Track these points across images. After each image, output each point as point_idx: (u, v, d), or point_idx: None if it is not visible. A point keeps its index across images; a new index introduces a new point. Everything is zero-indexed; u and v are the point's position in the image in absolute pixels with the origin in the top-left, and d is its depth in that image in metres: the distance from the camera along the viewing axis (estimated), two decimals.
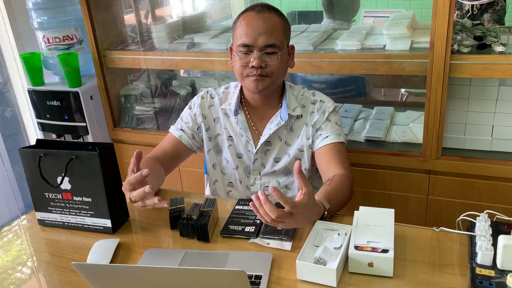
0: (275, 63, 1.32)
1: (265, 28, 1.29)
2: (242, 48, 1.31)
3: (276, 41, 1.31)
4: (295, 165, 1.00)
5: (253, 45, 1.30)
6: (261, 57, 1.30)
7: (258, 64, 1.30)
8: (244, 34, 1.30)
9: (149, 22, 2.42)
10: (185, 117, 1.50)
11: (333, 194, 1.19)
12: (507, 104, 1.63)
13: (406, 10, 2.74)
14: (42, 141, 1.27)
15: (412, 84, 2.53)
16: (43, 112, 2.26)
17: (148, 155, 1.42)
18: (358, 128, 1.96)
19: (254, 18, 1.31)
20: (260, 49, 1.30)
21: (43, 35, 2.23)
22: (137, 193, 1.13)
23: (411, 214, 1.82)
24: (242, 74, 1.35)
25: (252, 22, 1.30)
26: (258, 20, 1.30)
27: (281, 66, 1.35)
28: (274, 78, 1.35)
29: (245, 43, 1.30)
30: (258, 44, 1.30)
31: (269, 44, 1.30)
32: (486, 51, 1.60)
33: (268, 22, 1.31)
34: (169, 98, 2.36)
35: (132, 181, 1.14)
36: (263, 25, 1.30)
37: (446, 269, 0.99)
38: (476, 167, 1.65)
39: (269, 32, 1.30)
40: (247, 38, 1.30)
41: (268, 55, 1.31)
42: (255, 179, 1.48)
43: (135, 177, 1.14)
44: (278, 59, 1.32)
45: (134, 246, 1.17)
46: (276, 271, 1.02)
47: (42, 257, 1.18)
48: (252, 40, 1.30)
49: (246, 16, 1.33)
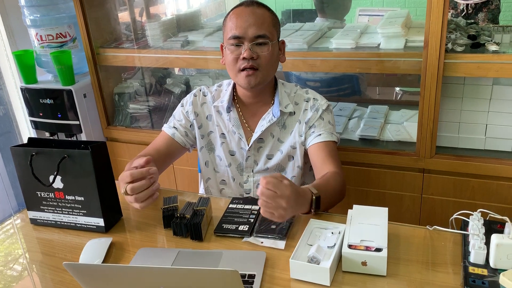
0: (266, 54, 1.34)
1: (254, 20, 1.33)
2: (233, 41, 1.33)
3: (266, 32, 1.33)
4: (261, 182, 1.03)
5: (244, 36, 1.32)
6: (252, 48, 1.32)
7: (249, 55, 1.31)
8: (234, 26, 1.33)
9: (143, 20, 2.41)
10: (177, 115, 1.50)
11: (323, 185, 1.20)
12: (500, 103, 1.64)
13: (400, 9, 2.75)
14: (34, 139, 1.26)
15: (406, 82, 2.53)
16: (36, 110, 2.25)
17: (140, 153, 1.42)
18: (353, 127, 1.96)
19: (243, 12, 1.34)
20: (251, 40, 1.32)
21: (36, 33, 2.21)
22: (139, 184, 1.13)
23: (405, 212, 1.82)
24: (234, 69, 1.36)
25: (241, 15, 1.34)
26: (247, 13, 1.33)
27: (272, 58, 1.36)
28: (265, 72, 1.36)
29: (235, 35, 1.33)
30: (249, 35, 1.32)
31: (259, 34, 1.32)
32: (480, 50, 1.60)
33: (257, 14, 1.34)
34: (163, 96, 2.35)
35: (136, 176, 1.14)
36: (252, 17, 1.33)
37: (440, 267, 0.99)
38: (470, 165, 1.66)
39: (259, 24, 1.33)
40: (237, 30, 1.32)
41: (259, 46, 1.33)
42: (248, 177, 1.48)
43: (141, 173, 1.14)
44: (269, 49, 1.34)
45: (127, 245, 1.17)
46: (269, 270, 1.02)
47: (35, 257, 1.17)
48: (243, 32, 1.32)
49: (235, 10, 1.36)
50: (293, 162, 1.45)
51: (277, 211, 1.03)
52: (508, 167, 1.61)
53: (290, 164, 1.46)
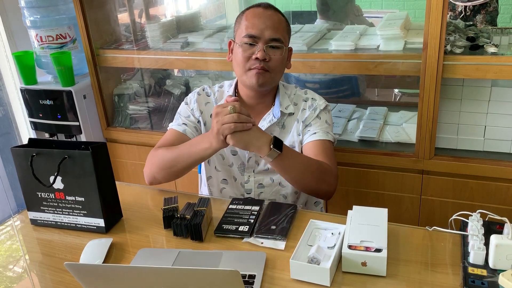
0: (278, 58, 1.35)
1: (272, 23, 1.34)
2: (248, 39, 1.34)
3: (281, 37, 1.35)
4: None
5: (260, 36, 1.33)
6: (266, 50, 1.33)
7: (263, 56, 1.32)
8: (251, 25, 1.34)
9: (143, 21, 2.41)
10: (184, 112, 1.50)
11: (296, 152, 1.32)
12: (499, 104, 1.64)
13: (399, 11, 2.76)
14: (35, 140, 1.26)
15: (405, 84, 2.54)
16: (36, 111, 2.25)
17: (156, 146, 1.40)
18: (352, 128, 1.97)
19: (262, 13, 1.36)
20: (266, 42, 1.33)
21: (36, 34, 2.21)
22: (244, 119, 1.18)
23: (404, 213, 1.82)
24: (244, 67, 1.36)
25: (260, 16, 1.35)
26: (266, 16, 1.35)
27: (282, 63, 1.39)
28: (274, 75, 1.37)
29: (251, 34, 1.33)
30: (265, 36, 1.33)
31: (275, 38, 1.34)
32: (479, 52, 1.61)
33: (274, 18, 1.36)
34: (163, 97, 2.36)
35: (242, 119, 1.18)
36: (270, 19, 1.34)
37: (439, 268, 1.00)
38: (469, 167, 1.66)
39: (276, 27, 1.34)
40: (254, 30, 1.33)
41: (272, 49, 1.35)
42: (249, 177, 1.48)
43: (246, 118, 1.18)
44: (282, 53, 1.36)
45: (127, 245, 1.17)
46: (269, 271, 1.02)
47: (35, 257, 1.17)
48: (259, 32, 1.33)
49: (252, 10, 1.37)
50: None
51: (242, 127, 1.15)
52: (506, 168, 1.62)
53: None
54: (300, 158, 1.30)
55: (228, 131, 1.17)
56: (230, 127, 1.16)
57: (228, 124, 1.16)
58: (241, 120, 1.17)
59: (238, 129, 1.17)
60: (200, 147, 1.26)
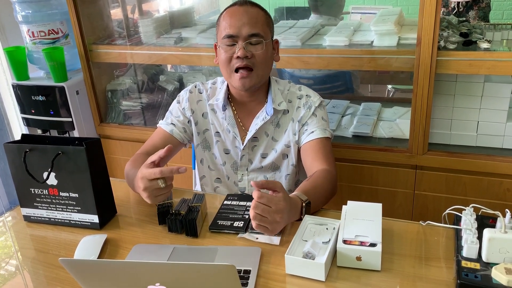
0: (260, 53, 1.33)
1: (248, 19, 1.33)
2: (227, 40, 1.33)
3: (259, 31, 1.33)
4: (254, 184, 1.03)
5: (238, 35, 1.32)
6: (246, 47, 1.32)
7: (243, 54, 1.31)
8: (228, 25, 1.33)
9: (136, 16, 2.40)
10: (174, 111, 1.49)
11: (311, 188, 1.20)
12: (492, 100, 1.65)
13: (393, 7, 2.76)
14: (28, 136, 1.25)
15: (398, 80, 2.55)
16: (28, 107, 2.23)
17: (138, 152, 1.41)
18: (346, 124, 1.97)
19: (237, 11, 1.34)
20: (244, 39, 1.32)
21: (27, 29, 2.19)
22: (166, 170, 1.11)
23: (398, 208, 1.83)
24: (228, 68, 1.35)
25: (235, 14, 1.34)
26: (241, 12, 1.33)
27: (266, 57, 1.36)
28: (260, 71, 1.35)
29: (229, 34, 1.32)
30: (242, 34, 1.32)
31: (253, 33, 1.32)
32: (472, 47, 1.62)
33: (251, 13, 1.34)
34: (156, 93, 2.35)
35: (166, 173, 1.11)
36: (246, 16, 1.33)
37: (433, 262, 1.00)
38: (462, 162, 1.68)
39: (253, 23, 1.33)
40: (231, 29, 1.32)
41: (253, 45, 1.33)
42: (242, 175, 1.48)
43: (170, 171, 1.11)
44: (263, 48, 1.34)
45: (122, 241, 1.16)
46: (265, 266, 1.03)
47: (28, 254, 1.16)
48: (237, 30, 1.32)
49: (229, 10, 1.36)
50: (287, 160, 1.46)
51: (271, 226, 1.03)
52: (499, 163, 1.63)
53: (285, 163, 1.46)
54: (319, 195, 1.21)
55: (162, 198, 1.16)
56: (163, 198, 1.17)
57: (161, 196, 1.15)
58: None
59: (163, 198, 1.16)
60: (135, 189, 1.23)
